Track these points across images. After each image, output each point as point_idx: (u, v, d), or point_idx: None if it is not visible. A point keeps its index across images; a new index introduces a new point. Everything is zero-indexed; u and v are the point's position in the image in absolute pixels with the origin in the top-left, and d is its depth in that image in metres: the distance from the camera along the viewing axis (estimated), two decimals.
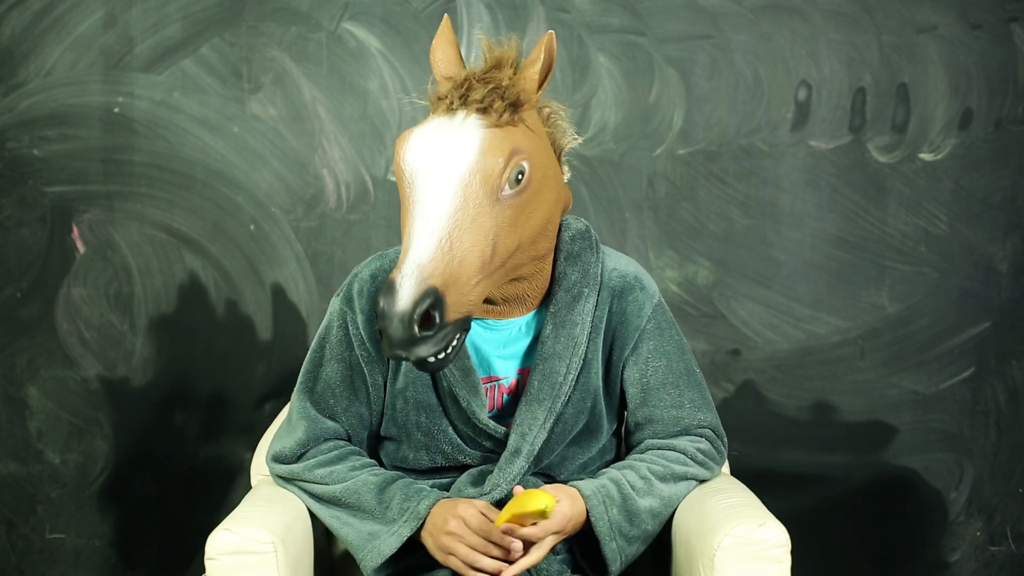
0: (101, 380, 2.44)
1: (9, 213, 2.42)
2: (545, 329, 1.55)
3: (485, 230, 1.35)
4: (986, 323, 2.45)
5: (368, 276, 1.59)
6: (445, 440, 1.57)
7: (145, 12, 2.38)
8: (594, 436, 1.61)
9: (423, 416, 1.57)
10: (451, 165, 1.35)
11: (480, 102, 1.38)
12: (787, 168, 2.42)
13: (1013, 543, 2.50)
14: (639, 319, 1.60)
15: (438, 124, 1.39)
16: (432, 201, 1.34)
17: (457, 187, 1.34)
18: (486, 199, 1.35)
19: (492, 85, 1.39)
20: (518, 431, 1.53)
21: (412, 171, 1.37)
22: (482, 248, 1.34)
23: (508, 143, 1.38)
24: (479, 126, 1.38)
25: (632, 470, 1.56)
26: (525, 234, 1.42)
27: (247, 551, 1.44)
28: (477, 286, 1.35)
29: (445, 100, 1.41)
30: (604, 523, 1.48)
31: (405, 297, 1.27)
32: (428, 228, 1.32)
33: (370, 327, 1.57)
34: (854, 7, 2.39)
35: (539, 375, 1.54)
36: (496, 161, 1.36)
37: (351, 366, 1.59)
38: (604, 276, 1.60)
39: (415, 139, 1.39)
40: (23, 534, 2.49)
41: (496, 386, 1.58)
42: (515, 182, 1.38)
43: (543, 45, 1.42)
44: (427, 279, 1.28)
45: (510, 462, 1.53)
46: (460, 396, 1.53)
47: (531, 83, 1.42)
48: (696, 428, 1.63)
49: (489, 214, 1.35)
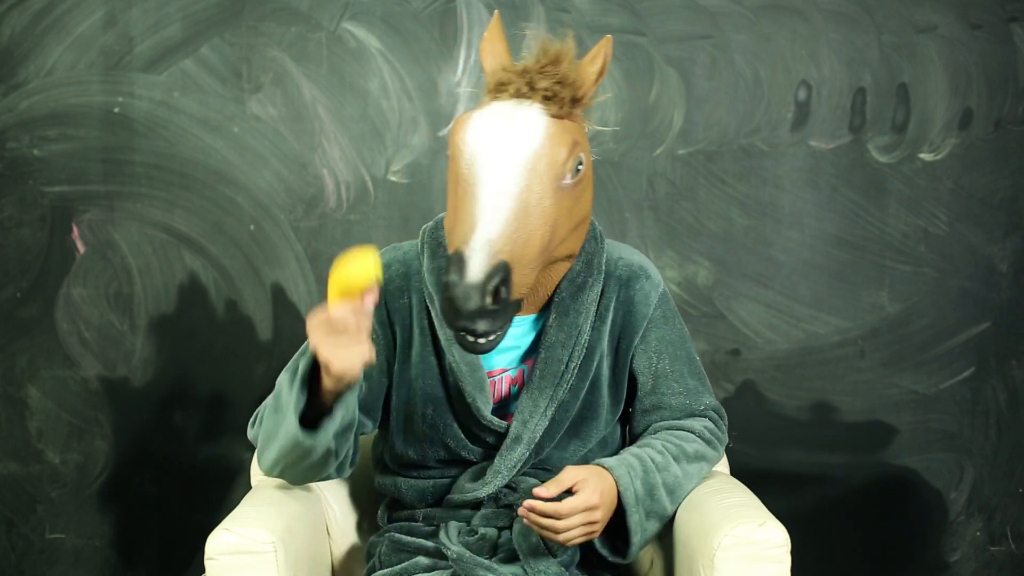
0: (101, 380, 2.44)
1: (9, 213, 2.42)
2: (549, 318, 1.56)
3: (548, 214, 1.38)
4: (986, 323, 2.45)
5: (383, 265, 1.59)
6: (449, 434, 1.58)
7: (145, 12, 2.38)
8: (593, 426, 1.61)
9: (429, 408, 1.58)
10: (518, 148, 1.38)
11: (546, 91, 1.41)
12: (787, 168, 2.42)
13: (1013, 543, 2.50)
14: (647, 308, 1.61)
15: (502, 108, 1.42)
16: (498, 181, 1.36)
17: (523, 170, 1.37)
18: (550, 184, 1.38)
19: (558, 77, 1.42)
20: (519, 419, 1.54)
21: (473, 152, 1.39)
22: (543, 232, 1.37)
23: (570, 134, 1.42)
24: (543, 114, 1.41)
25: (650, 447, 1.57)
26: (575, 227, 1.46)
27: (247, 551, 1.44)
28: (535, 269, 1.39)
29: (510, 86, 1.43)
30: (631, 493, 1.48)
31: (477, 269, 1.29)
32: (495, 207, 1.34)
33: (378, 312, 1.56)
34: (854, 7, 2.39)
35: (542, 363, 1.55)
36: (561, 149, 1.39)
37: None
38: (609, 266, 1.61)
39: (477, 121, 1.41)
40: (23, 534, 2.49)
41: (502, 378, 1.58)
42: (575, 172, 1.42)
43: (601, 48, 1.47)
44: (497, 254, 1.31)
45: (511, 449, 1.54)
46: (466, 392, 1.54)
47: (590, 82, 1.45)
48: (700, 411, 1.66)
49: (552, 199, 1.38)
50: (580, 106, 1.46)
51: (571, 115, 1.44)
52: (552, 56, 1.44)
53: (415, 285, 1.58)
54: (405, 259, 1.60)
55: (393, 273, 1.59)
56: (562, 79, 1.42)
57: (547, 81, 1.41)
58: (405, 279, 1.59)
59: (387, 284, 1.58)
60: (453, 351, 1.54)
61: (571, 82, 1.43)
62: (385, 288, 1.57)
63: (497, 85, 1.45)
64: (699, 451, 1.60)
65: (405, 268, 1.59)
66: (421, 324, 1.58)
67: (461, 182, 1.39)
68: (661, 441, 1.59)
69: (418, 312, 1.58)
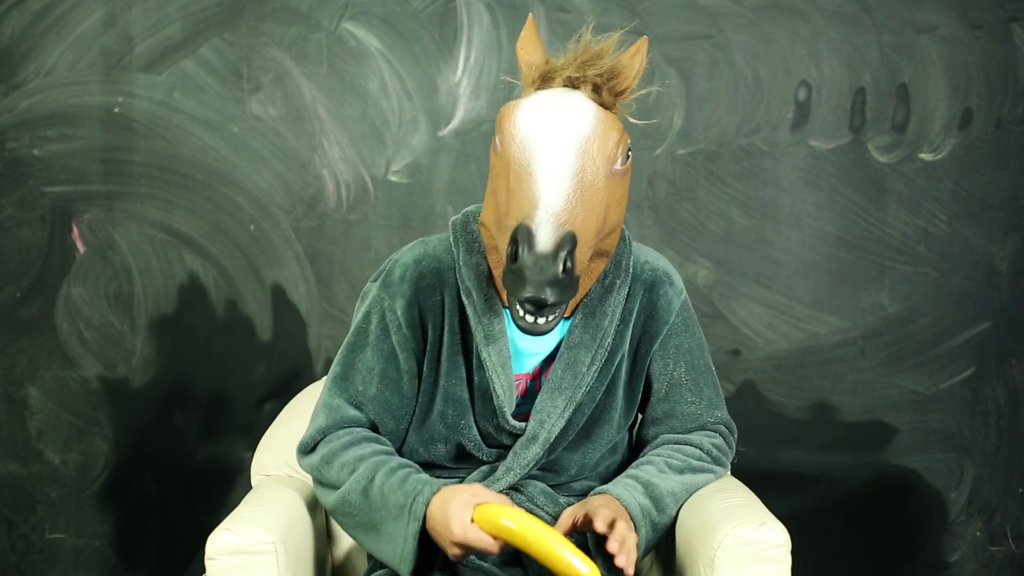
0: (101, 380, 2.44)
1: (9, 213, 2.42)
2: (575, 318, 1.55)
3: (601, 197, 1.39)
4: (986, 323, 2.45)
5: (411, 261, 1.56)
6: (468, 436, 1.56)
7: (145, 12, 2.38)
8: (605, 429, 1.60)
9: (450, 409, 1.56)
10: (573, 131, 1.39)
11: (596, 79, 1.43)
12: (787, 168, 2.42)
13: (1013, 543, 2.50)
14: (668, 314, 1.61)
15: (551, 95, 1.43)
16: (556, 161, 1.37)
17: (578, 152, 1.38)
18: (603, 167, 1.40)
19: (605, 68, 1.44)
20: (537, 418, 1.53)
21: (526, 135, 1.39)
22: (598, 213, 1.39)
23: (618, 122, 1.44)
24: (591, 101, 1.43)
25: (650, 464, 1.57)
26: (619, 217, 1.47)
27: (247, 551, 1.44)
28: (590, 250, 1.40)
29: (561, 75, 1.45)
30: (636, 508, 1.48)
31: (546, 238, 1.30)
32: (555, 183, 1.35)
33: (410, 312, 1.54)
34: (854, 7, 2.39)
35: (563, 363, 1.54)
36: (612, 133, 1.41)
37: (386, 354, 1.56)
38: (636, 269, 1.60)
39: (528, 107, 1.42)
40: (23, 534, 2.49)
41: (523, 380, 1.57)
42: (625, 158, 1.43)
43: (640, 46, 1.49)
44: (564, 225, 1.32)
45: (526, 448, 1.53)
46: (496, 393, 1.52)
47: (632, 75, 1.47)
48: (712, 424, 1.65)
49: (604, 182, 1.40)
50: (623, 99, 1.48)
51: (615, 106, 1.46)
52: (596, 51, 1.46)
53: (448, 281, 1.55)
54: (436, 254, 1.57)
55: (424, 269, 1.55)
56: (610, 70, 1.44)
57: (596, 70, 1.44)
58: (438, 275, 1.55)
59: (419, 280, 1.55)
60: (490, 350, 1.52)
61: (617, 74, 1.45)
62: (417, 285, 1.55)
63: (544, 75, 1.46)
64: (704, 466, 1.60)
65: (437, 264, 1.56)
66: (452, 322, 1.55)
67: (514, 165, 1.39)
68: (664, 458, 1.58)
69: (450, 309, 1.55)
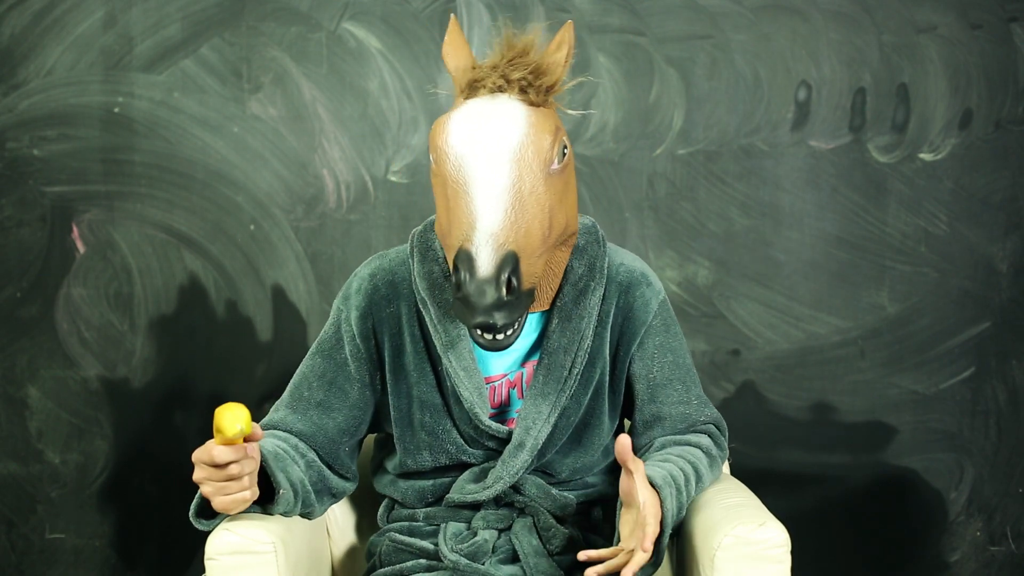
0: (101, 380, 2.44)
1: (9, 213, 2.42)
2: (551, 323, 1.55)
3: (543, 202, 1.38)
4: (986, 323, 2.45)
5: (367, 275, 1.59)
6: (449, 440, 1.57)
7: (145, 12, 2.38)
8: (596, 434, 1.60)
9: (427, 415, 1.57)
10: (504, 141, 1.38)
11: (522, 80, 1.43)
12: (787, 168, 2.42)
13: (1013, 543, 2.50)
14: (645, 314, 1.60)
15: (479, 105, 1.42)
16: (490, 176, 1.36)
17: (513, 161, 1.37)
18: (540, 172, 1.39)
19: (530, 67, 1.43)
20: (522, 425, 1.53)
21: (460, 152, 1.39)
22: (541, 219, 1.38)
23: (551, 120, 1.43)
24: (521, 104, 1.42)
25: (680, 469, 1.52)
26: (569, 211, 1.47)
27: (247, 551, 1.44)
28: (540, 257, 1.39)
29: (486, 82, 1.44)
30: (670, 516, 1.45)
31: (486, 263, 1.29)
32: (491, 200, 1.34)
33: (363, 323, 1.57)
34: (854, 7, 2.39)
35: (544, 369, 1.54)
36: (546, 136, 1.40)
37: (337, 362, 1.58)
38: (611, 270, 1.60)
39: (458, 121, 1.41)
40: (23, 534, 2.49)
41: (502, 382, 1.58)
42: (561, 156, 1.43)
43: (564, 34, 1.48)
44: (503, 245, 1.31)
45: (514, 456, 1.53)
46: (464, 397, 1.53)
47: (560, 68, 1.47)
48: (702, 424, 1.64)
49: (544, 186, 1.39)
50: (553, 93, 1.47)
51: (547, 103, 1.46)
52: (520, 48, 1.45)
53: (404, 292, 1.57)
54: (391, 267, 1.59)
55: (379, 281, 1.57)
56: (534, 69, 1.43)
57: (520, 72, 1.43)
58: (392, 287, 1.57)
59: (373, 293, 1.57)
60: (449, 356, 1.53)
61: (543, 71, 1.44)
62: (371, 298, 1.57)
63: (471, 83, 1.46)
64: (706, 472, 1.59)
65: (391, 276, 1.58)
66: (412, 331, 1.56)
67: (451, 183, 1.38)
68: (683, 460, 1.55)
69: (408, 319, 1.56)
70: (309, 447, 1.57)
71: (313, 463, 1.55)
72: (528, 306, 1.35)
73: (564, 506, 1.59)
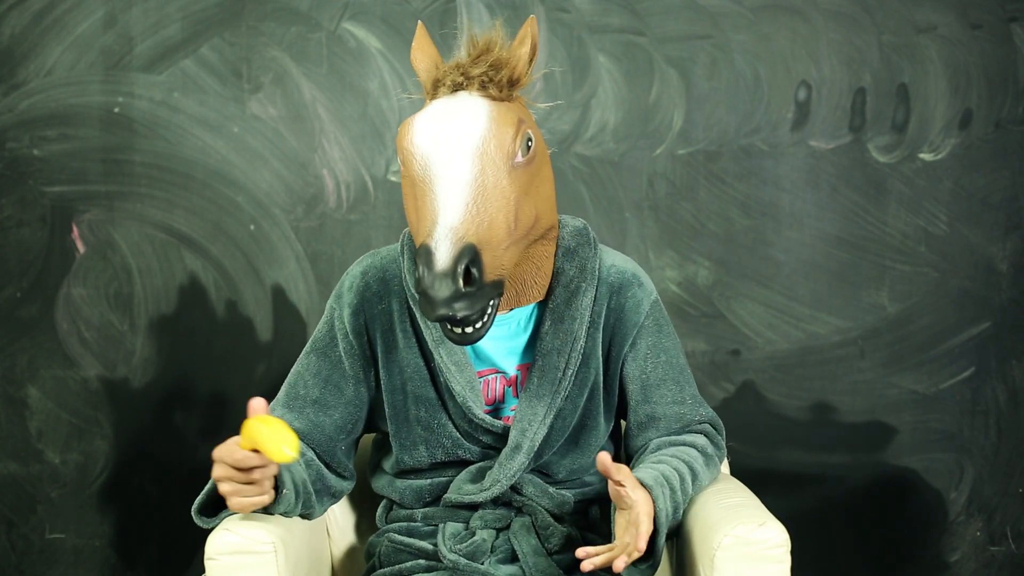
0: (101, 380, 2.44)
1: (9, 213, 2.42)
2: (543, 325, 1.56)
3: (507, 195, 1.38)
4: (986, 323, 2.45)
5: (359, 272, 1.60)
6: (444, 435, 1.57)
7: (145, 12, 2.38)
8: (592, 435, 1.61)
9: (422, 411, 1.57)
10: (466, 137, 1.39)
11: (481, 77, 1.44)
12: (787, 168, 2.42)
13: (1013, 543, 2.50)
14: (637, 315, 1.60)
15: (442, 104, 1.43)
16: (453, 171, 1.37)
17: (475, 156, 1.38)
18: (503, 165, 1.39)
19: (490, 63, 1.44)
20: (518, 427, 1.54)
21: (424, 152, 1.39)
22: (506, 212, 1.38)
23: (513, 113, 1.43)
24: (483, 100, 1.43)
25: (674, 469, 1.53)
26: (538, 203, 1.47)
27: (247, 551, 1.44)
28: (507, 249, 1.39)
29: (446, 80, 1.45)
30: (664, 515, 1.46)
31: (444, 256, 1.29)
32: (453, 196, 1.35)
33: (355, 320, 1.58)
34: (854, 7, 2.39)
35: (538, 371, 1.55)
36: (507, 129, 1.40)
37: (332, 360, 1.59)
38: (603, 272, 1.60)
39: (421, 122, 1.42)
40: (23, 534, 2.49)
41: (496, 379, 1.58)
42: (526, 149, 1.42)
43: (527, 28, 1.49)
44: (461, 239, 1.31)
45: (511, 458, 1.53)
46: (456, 392, 1.53)
47: (523, 62, 1.47)
48: (697, 423, 1.64)
49: (507, 179, 1.39)
50: (518, 87, 1.48)
51: (510, 97, 1.47)
52: (482, 46, 1.47)
53: (395, 289, 1.58)
54: (382, 264, 1.60)
55: (370, 279, 1.59)
56: (495, 64, 1.45)
57: (480, 68, 1.44)
58: (383, 284, 1.58)
59: (364, 290, 1.58)
60: (440, 351, 1.54)
61: (504, 65, 1.45)
62: (362, 295, 1.58)
63: (434, 83, 1.48)
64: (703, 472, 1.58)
65: (382, 273, 1.59)
66: (404, 327, 1.57)
67: (417, 183, 1.39)
68: (677, 460, 1.56)
69: (399, 315, 1.57)
70: (307, 446, 1.57)
71: (312, 462, 1.56)
72: (493, 297, 1.35)
73: (562, 505, 1.59)
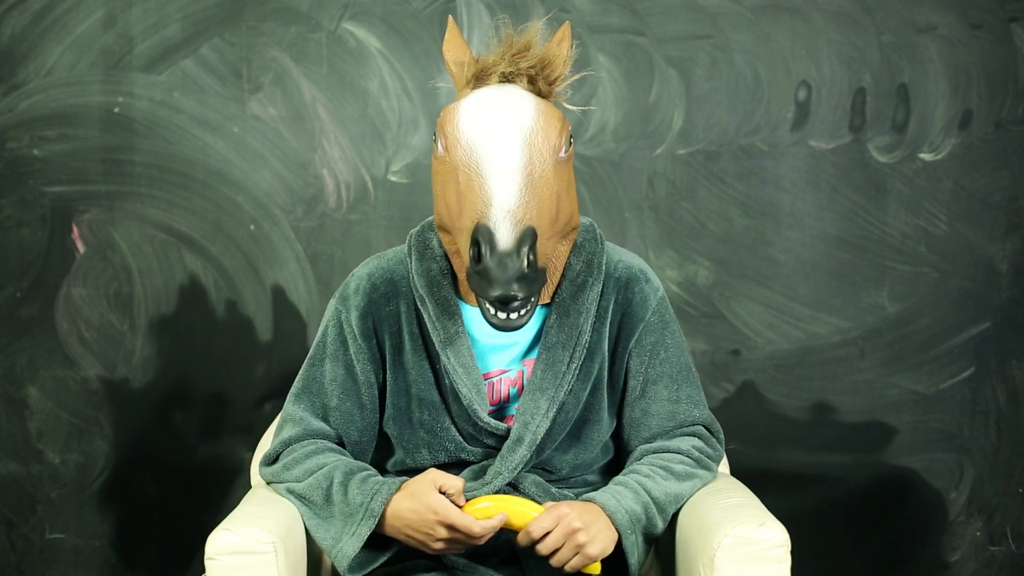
0: (101, 380, 2.44)
1: (9, 213, 2.42)
2: (549, 318, 1.56)
3: (551, 186, 1.40)
4: (986, 323, 2.45)
5: (365, 274, 1.60)
6: (447, 438, 1.57)
7: (145, 12, 2.38)
8: (595, 430, 1.60)
9: (426, 413, 1.57)
10: (516, 127, 1.40)
11: (530, 71, 1.45)
12: (787, 168, 2.42)
13: (1013, 543, 2.50)
14: (644, 311, 1.61)
15: (490, 93, 1.44)
16: (504, 158, 1.38)
17: (524, 146, 1.39)
18: (549, 158, 1.41)
19: (536, 59, 1.46)
20: (521, 420, 1.53)
21: (470, 138, 1.40)
22: (551, 203, 1.40)
23: (557, 111, 1.46)
24: (529, 93, 1.45)
25: (635, 472, 1.55)
26: (572, 203, 1.49)
27: (247, 551, 1.44)
28: (551, 239, 1.41)
29: (495, 70, 1.46)
30: (622, 515, 1.46)
31: (506, 235, 1.30)
32: (506, 180, 1.36)
33: (364, 322, 1.57)
34: (854, 7, 2.40)
35: (542, 364, 1.55)
36: (554, 123, 1.43)
37: (345, 365, 1.59)
38: (610, 267, 1.61)
39: (468, 107, 1.43)
40: (23, 534, 2.49)
41: (501, 379, 1.58)
42: (567, 145, 1.45)
43: (563, 34, 1.51)
44: (521, 220, 1.32)
45: (512, 451, 1.53)
46: (462, 394, 1.53)
47: (562, 63, 1.49)
48: (689, 424, 1.62)
49: (552, 172, 1.41)
50: (556, 87, 1.50)
51: (551, 94, 1.49)
52: (523, 43, 1.48)
53: (403, 290, 1.58)
54: (389, 266, 1.60)
55: (377, 281, 1.59)
56: (541, 60, 1.46)
57: (529, 62, 1.46)
58: (391, 285, 1.58)
59: (372, 292, 1.58)
60: (448, 352, 1.54)
61: (548, 63, 1.47)
62: (370, 297, 1.58)
63: (478, 73, 1.48)
64: (688, 471, 1.57)
65: (390, 275, 1.59)
66: (411, 329, 1.57)
67: (463, 168, 1.40)
68: (648, 465, 1.56)
69: (407, 317, 1.57)
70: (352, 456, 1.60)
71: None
72: (543, 285, 1.37)
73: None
